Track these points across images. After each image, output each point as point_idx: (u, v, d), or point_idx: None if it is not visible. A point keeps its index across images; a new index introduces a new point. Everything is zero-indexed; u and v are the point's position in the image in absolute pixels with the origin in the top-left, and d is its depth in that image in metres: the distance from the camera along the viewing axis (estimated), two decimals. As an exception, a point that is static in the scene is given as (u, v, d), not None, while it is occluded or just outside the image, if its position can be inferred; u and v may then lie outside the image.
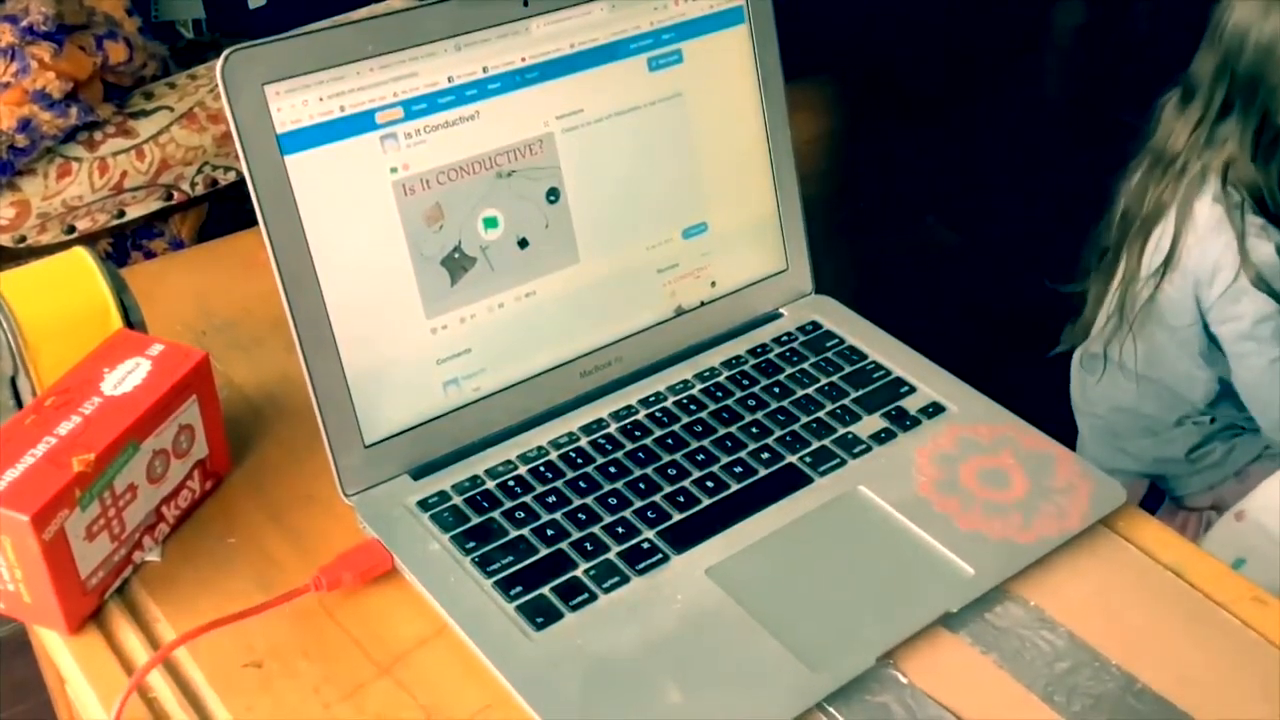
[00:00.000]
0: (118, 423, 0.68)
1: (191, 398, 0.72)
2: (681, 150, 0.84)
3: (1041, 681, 0.66)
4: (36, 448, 0.66)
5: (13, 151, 1.14)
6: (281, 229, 0.70)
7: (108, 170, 1.21)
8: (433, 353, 0.76)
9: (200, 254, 1.07)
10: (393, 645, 0.67)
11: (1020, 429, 0.81)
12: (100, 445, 0.66)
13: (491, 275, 0.77)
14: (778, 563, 0.71)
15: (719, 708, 0.63)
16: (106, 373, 0.71)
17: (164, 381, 0.70)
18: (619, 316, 0.83)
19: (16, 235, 1.19)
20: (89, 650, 0.67)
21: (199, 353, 0.73)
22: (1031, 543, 0.72)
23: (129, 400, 0.69)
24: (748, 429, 0.80)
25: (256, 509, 0.76)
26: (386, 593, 0.70)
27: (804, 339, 0.88)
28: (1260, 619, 0.70)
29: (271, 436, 0.80)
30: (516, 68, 0.76)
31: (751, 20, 0.85)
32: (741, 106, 0.86)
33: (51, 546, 0.64)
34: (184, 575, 0.71)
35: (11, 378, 0.74)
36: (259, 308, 0.91)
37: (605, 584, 0.69)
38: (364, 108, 0.71)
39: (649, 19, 0.81)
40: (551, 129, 0.78)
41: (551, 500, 0.74)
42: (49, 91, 1.14)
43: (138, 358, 0.72)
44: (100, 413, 0.68)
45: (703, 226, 0.86)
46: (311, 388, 0.71)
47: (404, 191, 0.73)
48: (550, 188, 0.79)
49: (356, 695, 0.65)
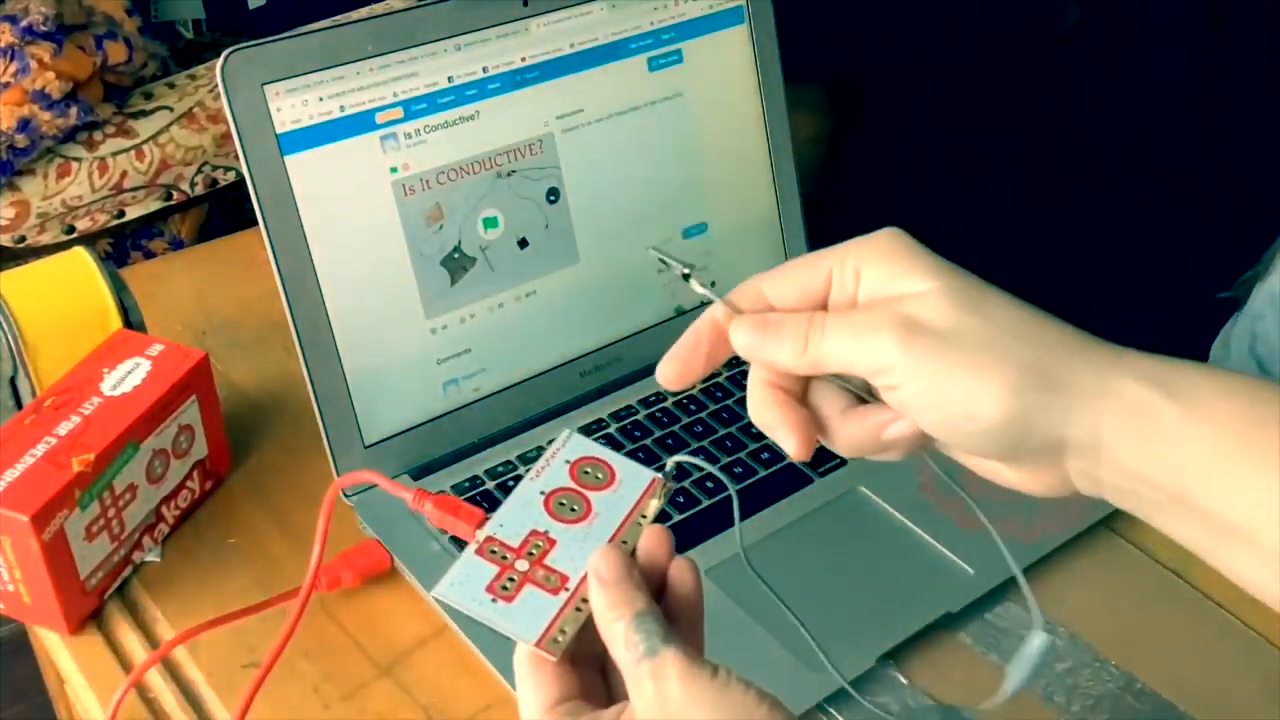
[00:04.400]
0: (117, 423, 0.68)
1: (191, 398, 0.72)
2: (681, 150, 0.84)
3: (1042, 681, 0.66)
4: (36, 448, 0.66)
5: (12, 151, 1.14)
6: (281, 229, 0.70)
7: (107, 170, 1.21)
8: (433, 353, 0.76)
9: (200, 254, 1.07)
10: (393, 645, 0.67)
11: (1020, 429, 0.81)
12: (100, 445, 0.66)
13: (491, 275, 0.77)
14: (778, 563, 0.71)
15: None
16: (106, 373, 0.71)
17: (164, 382, 0.70)
18: (619, 316, 0.83)
19: (16, 235, 1.19)
20: (88, 650, 0.67)
21: (198, 353, 0.73)
22: (1032, 543, 0.72)
23: (129, 400, 0.69)
24: (747, 429, 0.80)
25: (256, 509, 0.76)
26: (386, 593, 0.70)
27: (804, 339, 0.88)
28: (1260, 619, 0.70)
29: (271, 436, 0.80)
30: (516, 68, 0.76)
31: (751, 20, 0.85)
32: (741, 106, 0.86)
33: (51, 547, 0.64)
34: (184, 575, 0.71)
35: (11, 378, 0.74)
36: (259, 308, 0.91)
37: (605, 584, 0.69)
38: (364, 108, 0.71)
39: (649, 19, 0.81)
40: (551, 129, 0.78)
41: (551, 500, 0.74)
42: (49, 91, 1.14)
43: (137, 358, 0.72)
44: (100, 413, 0.68)
45: (703, 227, 0.86)
46: (311, 388, 0.71)
47: (404, 191, 0.73)
48: (550, 188, 0.79)
49: (356, 695, 0.65)
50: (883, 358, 0.42)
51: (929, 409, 0.43)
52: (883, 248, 0.45)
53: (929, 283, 0.43)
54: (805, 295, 0.46)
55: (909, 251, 0.44)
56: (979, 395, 0.41)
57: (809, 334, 0.44)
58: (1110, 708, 0.65)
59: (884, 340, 0.42)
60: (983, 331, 0.42)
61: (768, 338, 0.46)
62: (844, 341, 0.44)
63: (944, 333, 0.42)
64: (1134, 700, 0.65)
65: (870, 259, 0.45)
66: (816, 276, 0.46)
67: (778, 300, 0.47)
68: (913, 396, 0.42)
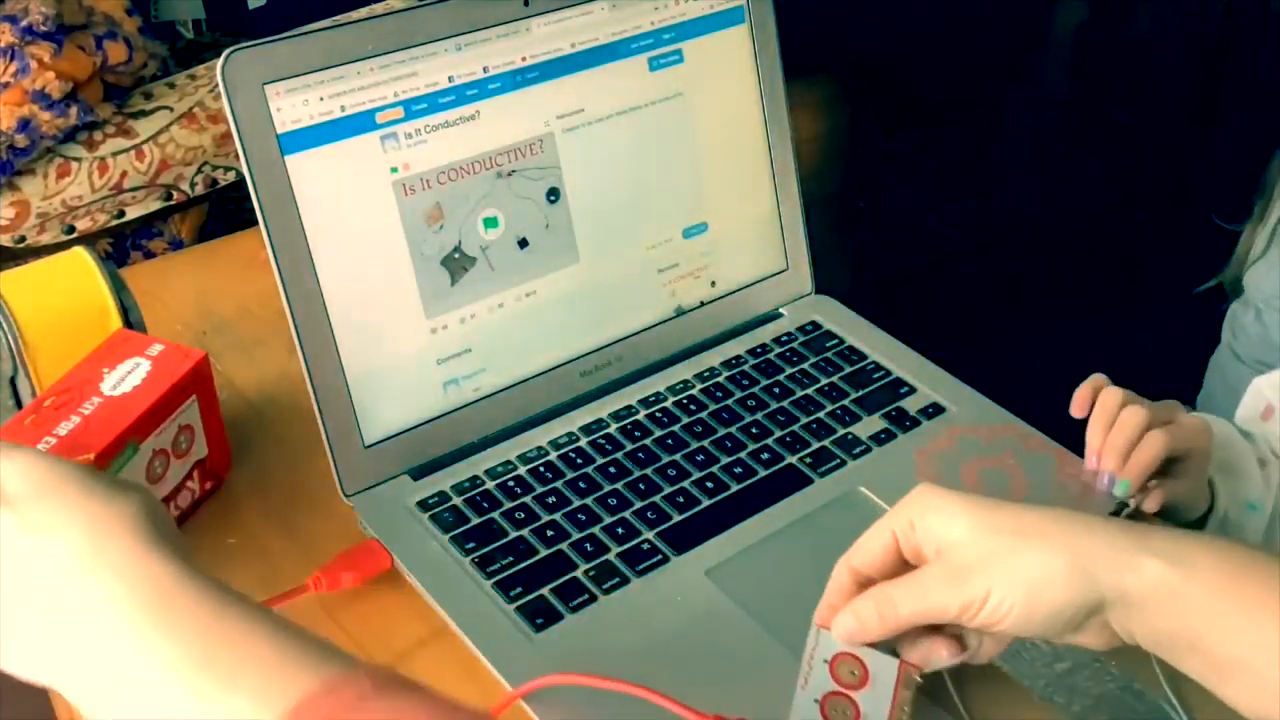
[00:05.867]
0: (117, 423, 0.68)
1: (191, 398, 0.72)
2: (682, 150, 0.84)
3: (1041, 681, 0.66)
4: (37, 448, 0.66)
5: (12, 151, 1.14)
6: (281, 229, 0.70)
7: (107, 170, 1.21)
8: (433, 353, 0.76)
9: (200, 254, 1.07)
10: (393, 645, 0.67)
11: (1020, 430, 0.81)
12: (100, 445, 0.66)
13: (491, 275, 0.77)
14: (778, 563, 0.71)
15: (719, 709, 0.63)
16: (106, 373, 0.71)
17: (163, 382, 0.70)
18: (619, 316, 0.83)
19: (16, 235, 1.19)
20: (89, 650, 0.67)
21: (198, 353, 0.73)
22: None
23: (128, 400, 0.69)
24: (747, 429, 0.80)
25: (256, 509, 0.76)
26: (386, 593, 0.70)
27: (804, 339, 0.88)
28: (1260, 619, 0.69)
29: (271, 436, 0.80)
30: (517, 67, 0.76)
31: (751, 20, 0.85)
32: (741, 106, 0.86)
33: None
34: (184, 575, 0.71)
35: (11, 378, 0.74)
36: (259, 308, 0.91)
37: (605, 585, 0.69)
38: (364, 107, 0.71)
39: (649, 19, 0.81)
40: (552, 129, 0.78)
41: (551, 501, 0.74)
42: (49, 91, 1.14)
43: (137, 358, 0.72)
44: (99, 413, 0.68)
45: (703, 226, 0.86)
46: (311, 388, 0.71)
47: (404, 191, 0.73)
48: (550, 188, 0.79)
49: (356, 695, 0.65)
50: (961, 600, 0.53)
51: (1010, 614, 0.53)
52: (923, 503, 0.56)
53: (964, 529, 0.54)
54: (887, 553, 0.57)
55: (941, 503, 0.56)
56: (1046, 588, 0.52)
57: (882, 612, 0.55)
58: (1110, 708, 0.65)
59: (978, 585, 0.53)
60: (1015, 543, 0.53)
61: (863, 627, 0.56)
62: (917, 605, 0.55)
63: (987, 559, 0.53)
64: (1134, 700, 0.65)
65: (917, 513, 0.56)
66: (885, 539, 0.57)
67: (867, 569, 0.58)
68: (994, 610, 0.53)
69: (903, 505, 0.57)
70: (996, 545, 0.53)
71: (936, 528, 0.55)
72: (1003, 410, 0.82)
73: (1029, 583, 0.52)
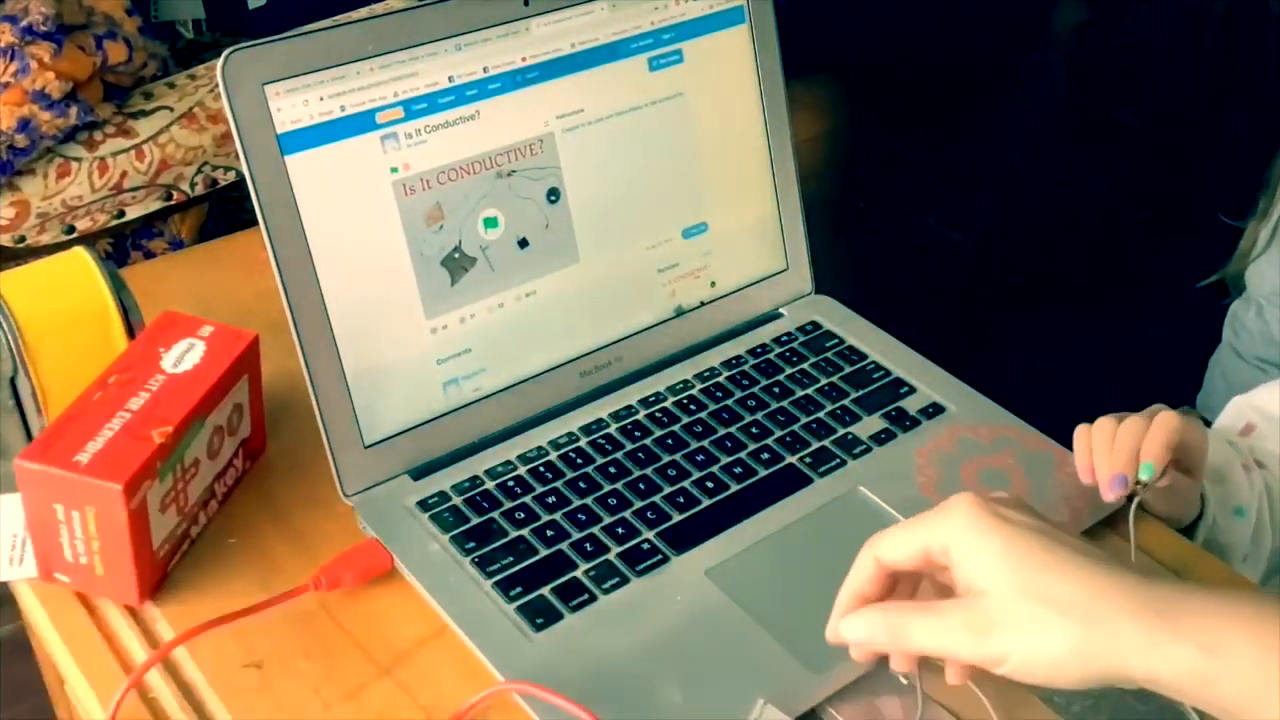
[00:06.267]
0: (187, 399, 0.69)
1: (244, 377, 0.74)
2: (681, 150, 0.84)
3: (1041, 682, 0.66)
4: (112, 421, 0.67)
5: (12, 151, 1.14)
6: (281, 229, 0.70)
7: (107, 170, 1.21)
8: (433, 353, 0.76)
9: (200, 254, 1.06)
10: (393, 645, 0.67)
11: (1020, 429, 0.81)
12: (176, 418, 0.67)
13: (491, 275, 0.77)
14: (778, 563, 0.71)
15: (719, 708, 0.63)
16: (163, 352, 0.72)
17: (222, 360, 0.72)
18: (619, 316, 0.83)
19: (16, 235, 1.19)
20: (88, 650, 0.67)
21: (250, 333, 0.74)
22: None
23: (191, 378, 0.70)
24: (747, 429, 0.80)
25: (257, 509, 0.76)
26: (386, 593, 0.70)
27: (804, 339, 0.88)
28: (1260, 619, 0.69)
29: (272, 437, 0.80)
30: (517, 67, 0.76)
31: (751, 20, 0.85)
32: (741, 106, 0.86)
33: (135, 516, 0.65)
34: (184, 576, 0.71)
35: (11, 378, 0.74)
36: (259, 308, 0.91)
37: (605, 585, 0.69)
38: (364, 107, 0.71)
39: (649, 19, 0.81)
40: (552, 129, 0.78)
41: (551, 501, 0.74)
42: (48, 91, 1.14)
43: (191, 338, 0.73)
44: (166, 390, 0.69)
45: (703, 226, 0.86)
46: (311, 388, 0.71)
47: (404, 191, 0.73)
48: (550, 188, 0.79)
49: (357, 695, 0.65)
50: (983, 655, 0.53)
51: (1026, 679, 0.53)
52: (964, 541, 0.55)
53: (1000, 584, 0.53)
54: (914, 558, 0.56)
55: (983, 546, 0.54)
56: (1067, 668, 0.52)
57: (894, 635, 0.55)
58: (1110, 708, 0.65)
59: (998, 646, 0.53)
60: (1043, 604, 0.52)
61: (872, 640, 0.57)
62: (932, 642, 0.55)
63: (1021, 623, 0.52)
64: (1134, 700, 0.65)
65: (955, 545, 0.55)
66: (917, 548, 0.56)
67: (892, 566, 0.58)
68: (1010, 672, 0.53)
69: (944, 522, 0.55)
70: (1027, 614, 0.52)
71: (971, 570, 0.54)
72: (1003, 410, 0.82)
73: (1051, 661, 0.52)
